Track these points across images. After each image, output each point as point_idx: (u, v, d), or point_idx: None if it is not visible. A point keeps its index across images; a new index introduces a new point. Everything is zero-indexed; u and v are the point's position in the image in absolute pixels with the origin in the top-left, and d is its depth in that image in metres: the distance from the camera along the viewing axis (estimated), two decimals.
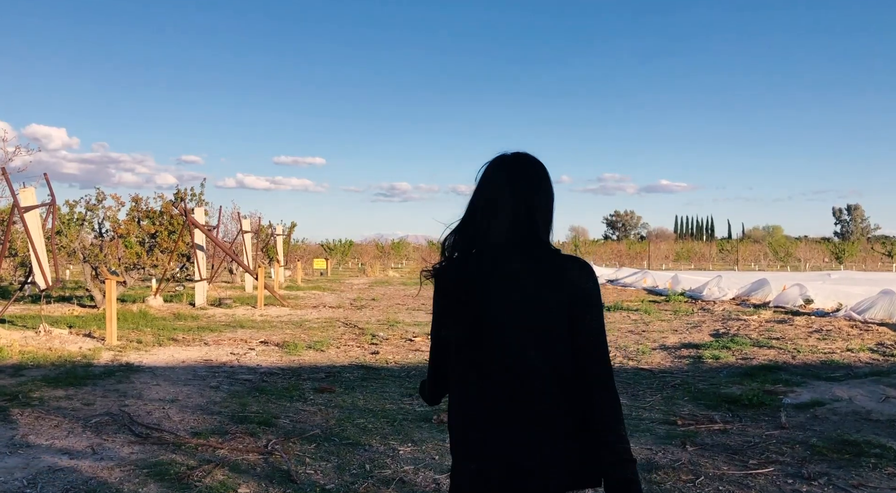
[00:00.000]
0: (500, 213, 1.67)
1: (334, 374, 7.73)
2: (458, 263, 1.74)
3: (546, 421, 1.58)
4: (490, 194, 1.70)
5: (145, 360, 8.39)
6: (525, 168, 1.74)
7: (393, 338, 10.63)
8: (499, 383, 1.61)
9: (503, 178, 1.71)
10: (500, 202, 1.68)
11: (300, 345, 9.60)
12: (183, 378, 7.33)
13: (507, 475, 1.58)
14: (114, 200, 13.87)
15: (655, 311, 13.61)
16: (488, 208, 1.69)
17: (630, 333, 11.02)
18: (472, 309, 1.64)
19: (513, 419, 1.59)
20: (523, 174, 1.72)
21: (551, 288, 1.60)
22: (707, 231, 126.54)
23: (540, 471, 1.57)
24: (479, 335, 1.63)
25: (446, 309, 1.74)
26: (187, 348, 9.38)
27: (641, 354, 8.96)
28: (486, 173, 1.75)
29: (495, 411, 1.61)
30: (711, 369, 7.90)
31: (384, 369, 8.09)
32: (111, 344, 9.30)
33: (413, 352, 9.32)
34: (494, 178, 1.72)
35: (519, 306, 1.60)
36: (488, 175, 1.74)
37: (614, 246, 58.32)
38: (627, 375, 7.73)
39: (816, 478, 4.15)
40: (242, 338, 10.48)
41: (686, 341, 9.91)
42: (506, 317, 1.61)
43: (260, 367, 8.15)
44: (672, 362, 8.44)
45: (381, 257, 52.02)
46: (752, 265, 50.80)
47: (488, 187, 1.72)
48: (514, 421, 1.59)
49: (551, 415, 1.58)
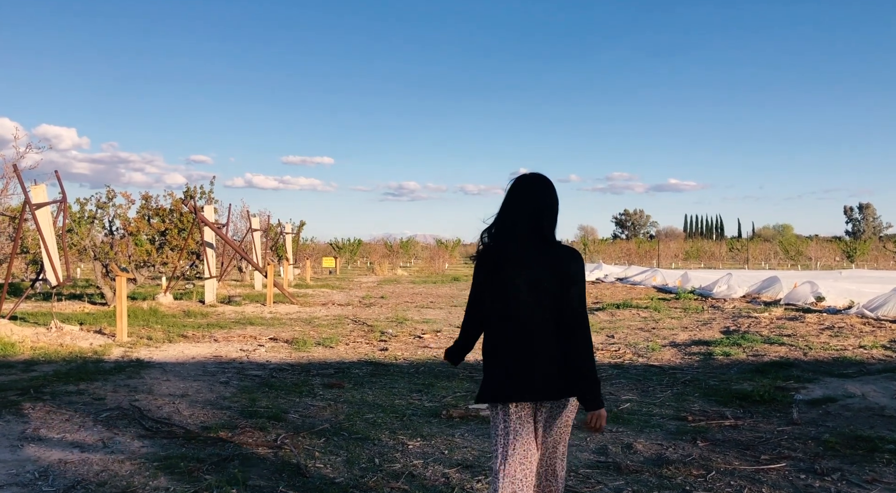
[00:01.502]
0: (520, 215, 2.55)
1: (343, 370, 7.73)
2: (493, 248, 2.60)
3: (545, 352, 2.48)
4: (513, 203, 2.59)
5: (155, 356, 8.43)
6: (538, 184, 2.61)
7: (402, 335, 10.63)
8: (516, 328, 2.50)
9: (522, 191, 2.59)
10: (520, 208, 2.57)
11: (309, 342, 9.61)
12: (193, 374, 7.35)
13: (519, 381, 2.49)
14: (124, 198, 13.94)
15: (665, 308, 13.55)
16: (512, 212, 2.58)
17: (640, 330, 10.97)
18: (501, 279, 2.52)
19: (525, 349, 2.49)
20: (536, 188, 2.59)
21: (551, 270, 2.48)
22: (717, 230, 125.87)
23: (541, 382, 2.49)
24: (505, 297, 2.51)
25: (486, 278, 2.59)
26: (197, 345, 9.42)
27: (651, 351, 8.91)
28: (510, 188, 2.63)
29: (514, 344, 2.51)
30: (722, 365, 7.85)
31: (393, 365, 8.09)
32: (121, 341, 9.34)
33: (422, 349, 9.32)
34: (516, 191, 2.60)
35: (530, 280, 2.48)
36: (512, 189, 2.61)
37: (623, 245, 58.10)
38: (637, 371, 7.70)
39: (829, 473, 4.11)
40: (252, 335, 10.51)
41: (696, 338, 9.86)
42: (522, 287, 2.48)
43: (269, 363, 8.17)
44: (682, 358, 8.39)
45: (389, 255, 52.01)
46: (762, 264, 50.51)
47: (512, 198, 2.60)
48: (525, 351, 2.49)
49: (548, 349, 2.48)
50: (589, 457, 4.55)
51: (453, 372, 7.56)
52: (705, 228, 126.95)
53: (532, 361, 2.47)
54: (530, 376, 2.48)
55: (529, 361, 2.48)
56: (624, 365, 8.08)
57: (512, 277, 2.48)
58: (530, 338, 2.47)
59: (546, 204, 2.56)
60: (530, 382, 2.48)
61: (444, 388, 6.78)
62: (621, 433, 5.13)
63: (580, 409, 2.64)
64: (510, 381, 2.50)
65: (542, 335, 2.46)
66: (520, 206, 2.56)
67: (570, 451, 4.66)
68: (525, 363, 2.48)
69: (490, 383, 2.57)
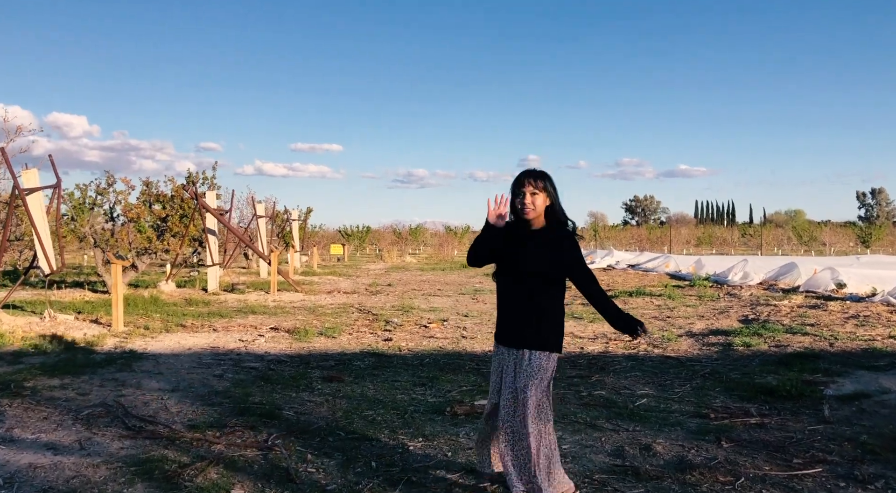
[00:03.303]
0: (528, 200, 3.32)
1: (344, 362, 7.39)
2: (511, 225, 3.35)
3: (538, 309, 3.30)
4: (520, 190, 3.31)
5: (150, 347, 8.12)
6: (541, 175, 3.34)
7: (407, 324, 10.28)
8: (520, 287, 3.32)
9: (528, 181, 3.31)
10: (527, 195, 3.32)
11: (311, 331, 9.28)
12: (187, 366, 7.03)
13: (517, 330, 3.33)
14: (124, 184, 13.62)
15: (680, 296, 13.12)
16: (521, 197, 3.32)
17: (654, 319, 10.56)
18: (513, 250, 3.32)
19: (526, 304, 3.31)
20: (540, 178, 3.32)
21: (551, 249, 3.29)
22: (728, 216, 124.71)
23: (534, 334, 3.29)
24: (516, 264, 3.31)
25: (504, 246, 3.34)
26: (195, 335, 9.10)
27: (667, 341, 8.52)
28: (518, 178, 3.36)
29: (518, 300, 3.33)
30: (743, 356, 7.44)
31: (397, 356, 7.74)
32: (117, 330, 9.04)
33: (427, 339, 8.96)
34: (520, 181, 3.32)
35: (534, 254, 3.29)
36: (520, 179, 3.32)
37: (635, 231, 57.47)
38: (653, 363, 7.31)
39: (872, 481, 3.72)
40: (252, 324, 10.19)
41: (714, 328, 9.45)
42: (527, 258, 3.29)
43: (268, 354, 7.84)
44: (700, 349, 7.99)
45: (398, 243, 51.66)
46: (775, 250, 49.80)
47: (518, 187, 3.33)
48: (526, 306, 3.31)
49: (542, 307, 3.30)
50: (604, 460, 4.17)
51: (459, 364, 7.20)
52: (716, 214, 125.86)
53: (530, 318, 3.32)
54: (528, 327, 3.33)
55: (530, 317, 3.32)
56: (639, 356, 7.69)
57: (520, 251, 3.32)
58: (531, 298, 3.32)
59: (550, 191, 3.37)
60: (523, 332, 3.35)
61: (449, 381, 6.43)
62: (638, 433, 4.75)
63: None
64: (509, 330, 3.42)
65: (538, 297, 3.32)
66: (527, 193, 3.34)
67: (584, 453, 4.30)
68: (525, 318, 3.33)
69: (498, 331, 3.54)
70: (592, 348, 8.27)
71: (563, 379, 6.47)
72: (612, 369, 7.02)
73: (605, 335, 9.13)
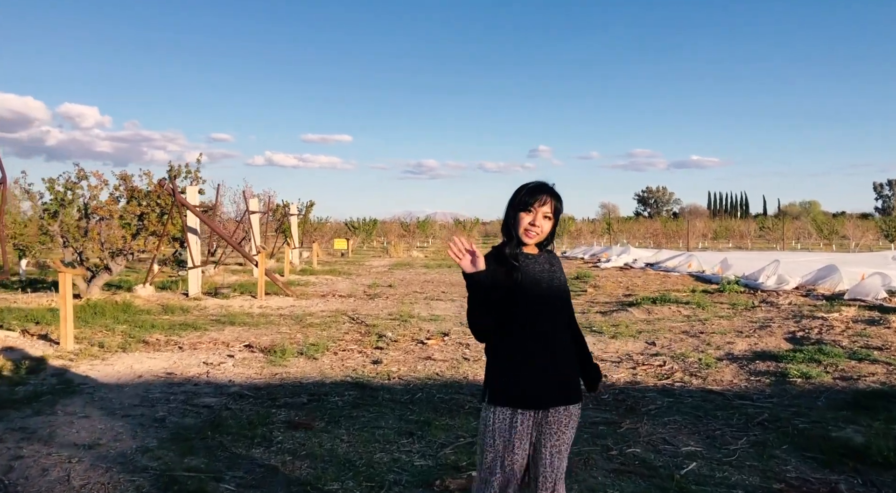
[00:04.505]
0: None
1: (320, 397, 6.13)
2: (495, 253, 2.65)
3: (569, 348, 2.69)
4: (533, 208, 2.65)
5: (96, 372, 6.89)
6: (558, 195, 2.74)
7: (402, 339, 9.01)
8: (548, 323, 2.62)
9: (549, 200, 2.66)
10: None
11: (289, 350, 8.03)
12: (126, 404, 5.79)
13: (552, 382, 2.57)
14: (96, 178, 12.39)
15: (710, 304, 11.77)
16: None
17: (685, 334, 9.23)
18: (532, 279, 2.62)
19: (559, 345, 2.62)
20: (559, 199, 2.70)
21: (555, 270, 2.71)
22: (742, 207, 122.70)
23: (573, 382, 2.66)
24: (542, 293, 2.62)
25: (507, 279, 2.60)
26: (155, 355, 7.87)
27: (706, 367, 7.20)
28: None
29: (550, 342, 2.59)
30: (804, 393, 6.12)
31: (384, 388, 6.47)
32: (65, 350, 7.82)
33: (423, 361, 7.68)
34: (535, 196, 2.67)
35: (550, 275, 2.68)
36: (535, 194, 2.66)
37: (649, 224, 55.91)
38: (693, 400, 6.00)
39: None
40: (226, 340, 8.95)
41: (758, 349, 8.11)
42: (553, 282, 2.67)
43: (231, 384, 6.59)
44: (748, 380, 6.67)
45: (405, 235, 50.44)
46: (793, 243, 48.19)
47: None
48: (559, 346, 2.62)
49: (569, 344, 2.69)
50: None
51: (458, 402, 5.92)
52: (729, 206, 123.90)
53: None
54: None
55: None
56: (674, 390, 6.39)
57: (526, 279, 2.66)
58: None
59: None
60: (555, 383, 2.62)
61: (443, 428, 5.16)
62: None
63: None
64: (535, 386, 2.58)
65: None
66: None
67: None
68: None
69: (512, 389, 2.60)
70: (618, 375, 6.97)
71: (587, 426, 5.19)
72: (646, 409, 5.72)
73: (631, 357, 7.82)
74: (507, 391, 2.53)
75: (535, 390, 2.53)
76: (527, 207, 2.58)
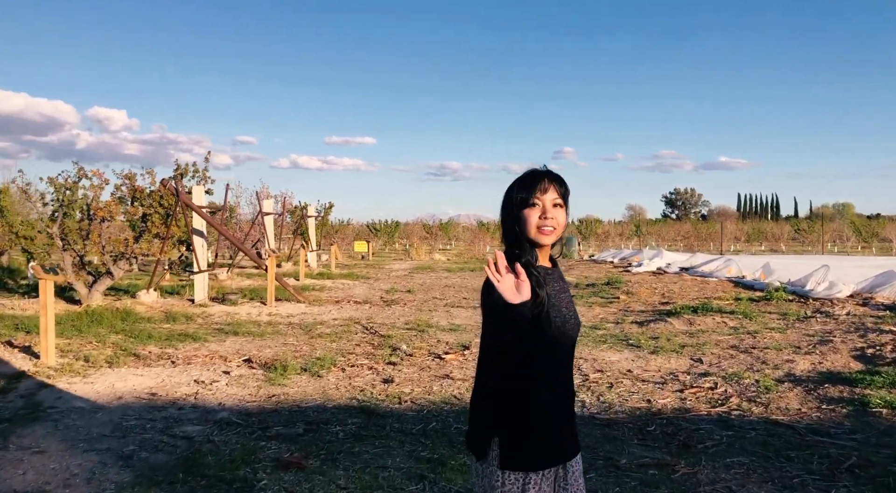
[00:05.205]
0: None
1: (319, 425, 5.29)
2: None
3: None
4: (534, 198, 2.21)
5: (71, 393, 6.13)
6: (560, 177, 2.28)
7: (418, 353, 8.15)
8: (569, 360, 2.11)
9: (552, 184, 2.18)
10: None
11: (292, 366, 7.21)
12: (94, 434, 5.00)
13: (570, 431, 2.11)
14: (97, 177, 11.72)
15: (757, 314, 10.71)
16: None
17: (734, 350, 8.23)
18: (557, 304, 2.09)
19: (571, 386, 2.15)
20: (563, 182, 2.22)
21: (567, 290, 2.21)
22: (772, 209, 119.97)
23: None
24: (565, 322, 2.07)
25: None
26: (143, 371, 7.10)
27: (765, 391, 6.22)
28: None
29: (567, 383, 2.11)
30: (892, 427, 5.13)
31: (393, 414, 5.61)
32: (45, 365, 7.09)
33: (440, 380, 6.81)
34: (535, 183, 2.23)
35: (569, 299, 2.15)
36: (533, 180, 2.17)
37: (679, 226, 54.39)
38: (758, 434, 5.05)
39: None
40: (225, 353, 8.16)
41: (823, 369, 7.10)
42: (572, 309, 2.15)
43: (220, 408, 5.78)
44: (819, 410, 5.68)
45: (427, 238, 49.58)
46: (829, 247, 46.43)
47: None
48: (571, 388, 2.15)
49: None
50: None
51: None
52: (759, 208, 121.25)
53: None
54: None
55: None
56: (732, 420, 5.43)
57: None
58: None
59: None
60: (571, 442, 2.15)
61: (460, 470, 4.29)
62: None
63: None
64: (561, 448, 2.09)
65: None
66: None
67: None
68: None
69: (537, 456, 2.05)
70: (664, 400, 6.03)
71: (633, 469, 4.28)
72: (703, 445, 4.79)
73: (677, 377, 6.87)
74: (524, 456, 1.98)
75: (556, 448, 2.07)
76: (528, 202, 2.05)
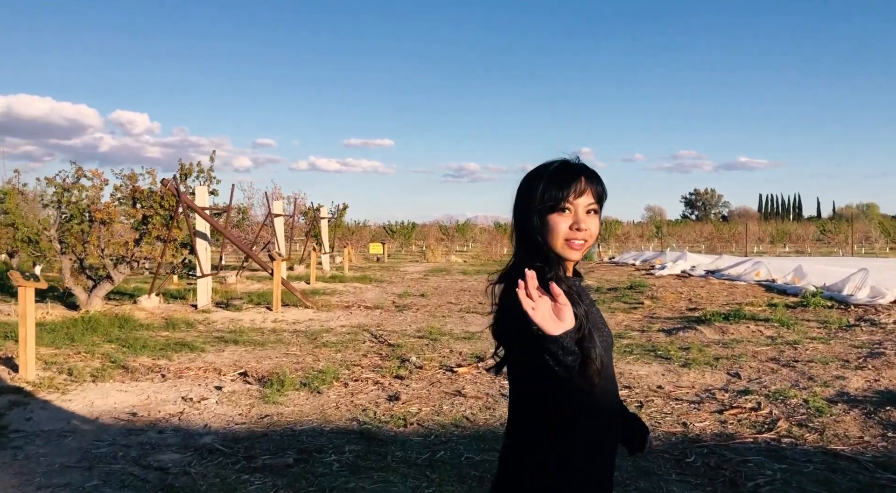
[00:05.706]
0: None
1: (311, 454, 4.67)
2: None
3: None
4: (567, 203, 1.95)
5: (44, 413, 5.58)
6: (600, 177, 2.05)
7: (429, 365, 7.51)
8: (614, 386, 1.78)
9: (590, 186, 1.89)
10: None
11: (290, 381, 6.61)
12: (57, 465, 4.42)
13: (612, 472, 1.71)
14: (96, 177, 11.24)
15: (795, 322, 9.95)
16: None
17: (774, 363, 7.51)
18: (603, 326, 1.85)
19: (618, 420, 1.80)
20: (602, 183, 1.92)
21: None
22: (795, 210, 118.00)
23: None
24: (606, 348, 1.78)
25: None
26: (128, 387, 6.54)
27: (817, 414, 5.51)
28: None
29: (615, 417, 1.76)
30: None
31: (397, 440, 4.98)
32: (23, 379, 6.55)
33: (452, 398, 6.17)
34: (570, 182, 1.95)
35: (603, 319, 1.81)
36: (568, 177, 1.85)
37: (700, 227, 53.23)
38: (816, 468, 4.36)
39: None
40: (221, 365, 7.59)
41: (881, 387, 6.35)
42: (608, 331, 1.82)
43: (204, 432, 5.19)
44: (885, 438, 4.96)
45: (444, 239, 48.93)
46: (857, 248, 45.12)
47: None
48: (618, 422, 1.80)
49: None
50: None
51: (491, 467, 4.39)
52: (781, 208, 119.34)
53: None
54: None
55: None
56: (784, 449, 4.74)
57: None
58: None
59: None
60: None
61: None
62: None
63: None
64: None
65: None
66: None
67: None
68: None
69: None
70: (701, 423, 5.34)
71: None
72: (753, 483, 4.11)
73: (713, 396, 6.17)
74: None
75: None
76: (559, 205, 1.64)
